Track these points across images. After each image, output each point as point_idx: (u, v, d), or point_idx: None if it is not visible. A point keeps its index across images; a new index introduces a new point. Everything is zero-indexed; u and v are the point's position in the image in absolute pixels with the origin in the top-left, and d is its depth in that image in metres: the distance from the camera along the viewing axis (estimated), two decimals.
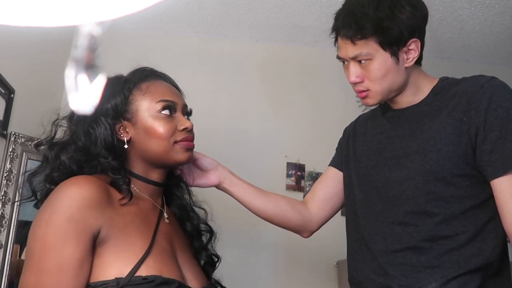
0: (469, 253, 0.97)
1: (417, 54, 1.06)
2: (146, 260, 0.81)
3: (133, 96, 0.97)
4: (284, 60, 2.43)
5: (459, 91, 1.02)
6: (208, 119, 2.29)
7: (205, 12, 2.15)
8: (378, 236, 1.09)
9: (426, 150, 1.02)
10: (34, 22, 0.26)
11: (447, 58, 2.49)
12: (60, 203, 0.82)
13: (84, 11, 0.25)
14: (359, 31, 1.00)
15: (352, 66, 1.05)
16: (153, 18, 2.22)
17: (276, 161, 2.33)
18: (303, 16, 2.14)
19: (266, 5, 2.06)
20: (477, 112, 0.96)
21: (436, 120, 1.03)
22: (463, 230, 0.98)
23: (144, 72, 1.03)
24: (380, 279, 1.05)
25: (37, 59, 1.70)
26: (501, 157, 0.93)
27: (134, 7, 0.25)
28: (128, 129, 0.96)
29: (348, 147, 1.27)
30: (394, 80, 1.05)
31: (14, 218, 1.53)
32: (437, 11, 2.01)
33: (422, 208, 1.01)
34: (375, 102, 1.08)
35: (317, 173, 2.32)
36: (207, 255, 1.06)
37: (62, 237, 0.78)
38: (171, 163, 0.98)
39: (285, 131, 2.37)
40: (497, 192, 0.95)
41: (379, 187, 1.11)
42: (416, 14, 1.03)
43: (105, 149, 0.93)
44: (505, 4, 1.94)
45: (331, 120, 2.30)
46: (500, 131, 0.94)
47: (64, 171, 0.91)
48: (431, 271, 0.99)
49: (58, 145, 0.94)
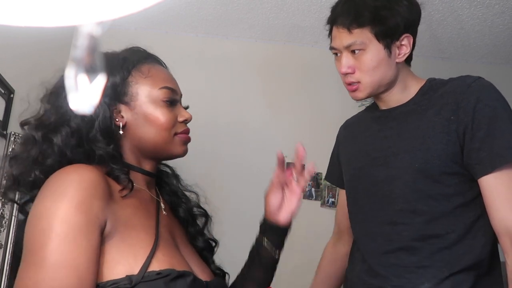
0: (460, 251, 0.98)
1: (409, 50, 1.06)
2: (156, 254, 0.75)
3: (133, 78, 0.87)
4: (283, 60, 2.43)
5: (447, 91, 1.03)
6: (207, 119, 2.29)
7: (205, 12, 2.15)
8: (368, 237, 1.10)
9: (415, 148, 1.02)
10: (34, 22, 0.26)
11: (447, 58, 2.49)
12: (62, 191, 0.71)
13: (84, 11, 0.25)
14: (356, 18, 1.01)
15: (345, 57, 1.05)
16: (153, 18, 2.22)
17: (275, 161, 2.33)
18: (303, 16, 2.14)
19: (266, 5, 2.06)
20: (465, 111, 0.97)
21: (424, 119, 1.04)
22: (452, 228, 0.99)
23: (142, 52, 0.94)
24: (372, 281, 1.06)
25: (37, 59, 1.70)
26: (489, 155, 0.95)
27: (134, 7, 0.25)
28: (124, 114, 0.85)
29: (339, 154, 1.29)
30: (385, 73, 1.05)
31: (14, 218, 1.53)
32: (437, 11, 2.01)
33: (411, 206, 1.02)
34: (364, 95, 1.08)
35: (316, 173, 2.32)
36: (204, 240, 0.98)
37: (72, 227, 0.68)
38: (167, 155, 0.91)
39: (285, 131, 2.37)
40: (484, 190, 0.96)
41: (368, 187, 1.11)
42: (412, 10, 1.05)
43: (102, 134, 0.81)
44: (505, 4, 1.94)
45: (330, 120, 2.29)
46: (488, 130, 0.95)
47: (57, 158, 0.79)
48: (423, 271, 0.99)
49: (49, 125, 0.81)
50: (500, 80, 2.52)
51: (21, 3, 0.24)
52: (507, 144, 0.94)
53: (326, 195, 2.32)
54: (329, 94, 2.39)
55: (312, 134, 2.34)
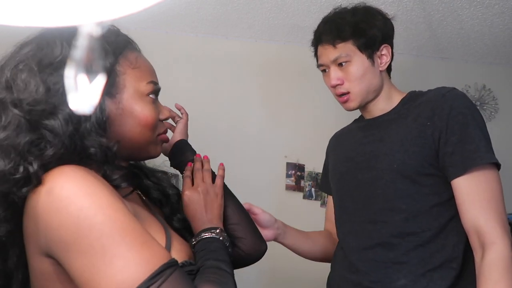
0: (433, 249, 1.05)
1: (389, 59, 1.17)
2: (173, 244, 0.72)
3: (121, 67, 0.75)
4: (283, 60, 2.43)
5: (424, 101, 1.13)
6: (207, 119, 2.29)
7: (205, 12, 2.15)
8: (351, 235, 1.17)
9: (394, 151, 1.11)
10: (34, 22, 0.26)
11: (446, 58, 2.49)
12: (86, 189, 0.61)
13: (84, 11, 0.25)
14: (339, 33, 1.13)
15: (333, 71, 1.16)
16: (153, 18, 2.22)
17: (275, 161, 2.34)
18: (303, 17, 2.14)
19: (266, 5, 2.06)
20: (440, 118, 1.06)
21: (403, 125, 1.13)
22: (428, 227, 1.05)
23: (124, 35, 0.81)
24: (352, 277, 1.12)
25: None
26: (461, 158, 1.02)
27: (134, 7, 0.25)
28: (106, 106, 0.72)
29: (328, 164, 1.37)
30: (370, 81, 1.15)
31: None
32: (437, 11, 2.01)
33: (390, 205, 1.08)
34: (355, 105, 1.17)
35: (316, 173, 2.32)
36: (179, 219, 0.90)
37: (121, 212, 0.61)
38: (144, 156, 0.83)
39: (285, 131, 2.37)
40: (456, 192, 1.03)
41: (352, 190, 1.19)
42: (386, 23, 1.18)
43: (97, 128, 0.69)
44: (505, 4, 1.94)
45: (330, 120, 2.30)
46: (460, 135, 1.03)
47: (58, 150, 0.65)
48: (399, 267, 1.06)
49: (45, 109, 0.66)
50: (500, 80, 2.53)
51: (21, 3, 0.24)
52: (476, 148, 1.02)
53: (326, 196, 2.33)
54: (329, 94, 2.38)
55: (311, 134, 2.34)
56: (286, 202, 2.32)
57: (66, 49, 0.69)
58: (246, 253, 0.93)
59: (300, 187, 2.33)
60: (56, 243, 0.61)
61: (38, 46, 0.70)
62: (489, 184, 1.01)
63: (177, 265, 0.64)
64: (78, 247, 0.59)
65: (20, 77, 0.67)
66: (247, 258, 0.94)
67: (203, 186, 0.91)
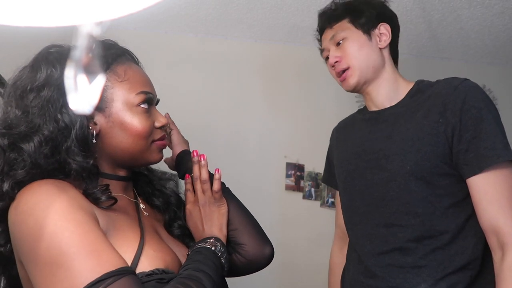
0: (452, 251, 1.00)
1: (388, 37, 1.16)
2: (145, 250, 0.73)
3: (108, 82, 0.79)
4: (283, 60, 2.43)
5: (434, 93, 1.07)
6: (207, 119, 2.29)
7: (204, 12, 2.15)
8: (364, 239, 1.12)
9: (405, 151, 1.05)
10: (34, 22, 0.26)
11: (446, 58, 2.49)
12: (48, 199, 0.66)
13: (84, 11, 0.25)
14: (333, 13, 1.18)
15: (332, 50, 1.17)
16: (152, 18, 2.22)
17: (275, 161, 2.34)
18: (302, 17, 2.14)
19: (265, 5, 2.06)
20: (452, 113, 1.00)
21: (413, 121, 1.07)
22: (445, 229, 1.01)
23: (116, 49, 0.85)
24: (369, 281, 1.08)
25: None
26: (476, 156, 0.97)
27: (133, 7, 0.26)
28: (97, 121, 0.78)
29: (332, 156, 1.33)
30: (369, 55, 1.14)
31: None
32: (437, 11, 2.02)
33: (406, 208, 1.04)
34: (354, 81, 1.14)
35: (316, 173, 2.32)
36: (179, 225, 0.93)
37: (78, 221, 0.65)
38: (143, 163, 0.86)
39: (284, 131, 2.37)
40: (473, 190, 0.99)
41: (362, 190, 1.14)
42: (382, 4, 1.19)
43: (79, 145, 0.74)
44: (504, 4, 1.94)
45: (330, 120, 2.29)
46: (475, 131, 0.98)
47: (31, 170, 0.71)
48: (418, 271, 1.01)
49: (19, 132, 0.72)
50: (500, 80, 2.52)
51: (21, 3, 0.24)
52: (493, 145, 0.97)
53: (326, 195, 2.33)
54: (328, 94, 2.39)
55: (311, 134, 2.34)
56: (286, 202, 2.32)
57: (52, 72, 0.75)
58: (248, 259, 0.92)
59: (300, 187, 2.33)
60: (22, 254, 0.67)
61: (26, 73, 0.79)
62: (508, 182, 0.96)
63: (127, 273, 0.64)
64: (33, 257, 0.64)
65: (4, 106, 0.76)
66: (250, 265, 0.93)
67: (202, 199, 0.93)
